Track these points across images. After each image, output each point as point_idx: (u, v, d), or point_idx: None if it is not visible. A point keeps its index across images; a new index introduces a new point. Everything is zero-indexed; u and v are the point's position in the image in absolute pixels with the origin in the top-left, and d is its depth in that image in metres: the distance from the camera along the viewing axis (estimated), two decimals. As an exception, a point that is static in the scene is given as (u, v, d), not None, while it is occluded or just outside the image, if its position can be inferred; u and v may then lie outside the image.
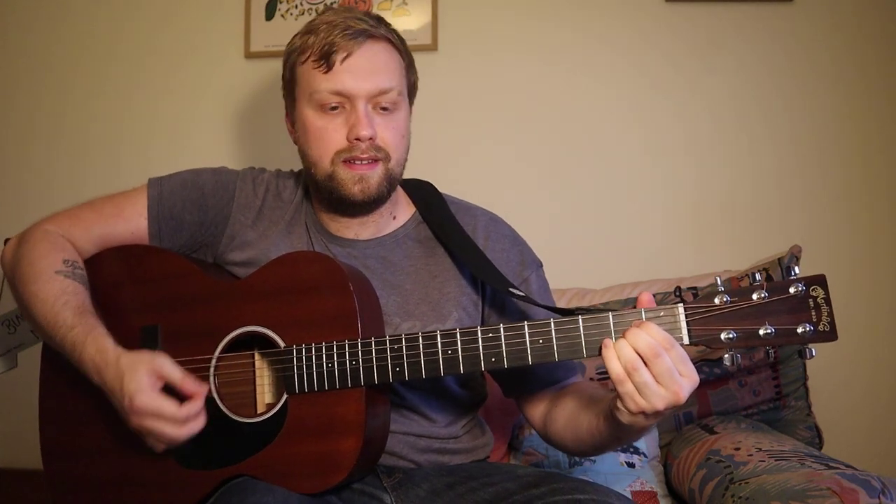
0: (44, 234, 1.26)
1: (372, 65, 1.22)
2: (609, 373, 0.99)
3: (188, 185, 1.32)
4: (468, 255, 1.26)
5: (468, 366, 1.07)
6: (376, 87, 1.21)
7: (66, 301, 1.17)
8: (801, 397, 1.74)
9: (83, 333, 1.14)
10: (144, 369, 1.09)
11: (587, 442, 1.17)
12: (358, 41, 1.21)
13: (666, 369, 0.96)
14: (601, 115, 2.03)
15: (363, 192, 1.22)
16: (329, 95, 1.21)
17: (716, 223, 1.99)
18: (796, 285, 0.97)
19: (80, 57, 2.14)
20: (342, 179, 1.22)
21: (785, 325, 0.97)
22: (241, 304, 1.17)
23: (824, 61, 1.98)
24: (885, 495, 1.14)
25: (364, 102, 1.21)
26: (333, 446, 1.09)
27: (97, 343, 1.12)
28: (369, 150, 1.21)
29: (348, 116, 1.22)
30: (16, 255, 1.26)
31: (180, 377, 1.10)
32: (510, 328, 1.05)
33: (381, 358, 1.09)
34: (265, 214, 1.33)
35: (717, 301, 0.99)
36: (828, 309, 0.97)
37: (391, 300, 1.25)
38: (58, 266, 1.20)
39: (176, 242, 1.32)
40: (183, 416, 1.08)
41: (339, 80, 1.20)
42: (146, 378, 1.08)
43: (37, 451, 1.26)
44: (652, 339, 0.96)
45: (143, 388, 1.07)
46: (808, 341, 0.97)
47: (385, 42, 1.24)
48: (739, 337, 0.98)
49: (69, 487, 1.23)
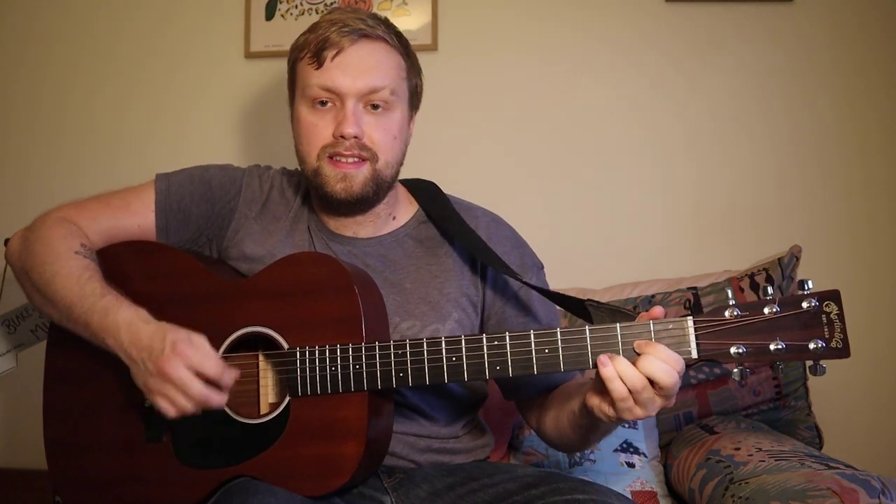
0: (58, 220, 1.26)
1: (363, 63, 1.22)
2: (611, 392, 0.98)
3: (196, 179, 1.33)
4: (474, 245, 1.26)
5: (472, 374, 1.06)
6: (366, 86, 1.21)
7: (91, 276, 1.16)
8: (801, 397, 1.74)
9: (115, 300, 1.12)
10: (189, 334, 1.07)
11: (570, 437, 1.19)
12: (351, 38, 1.21)
13: (673, 385, 0.97)
14: (601, 114, 2.03)
15: (346, 191, 1.23)
16: (319, 91, 1.22)
17: (716, 223, 1.99)
18: (809, 300, 0.95)
19: (80, 57, 2.13)
20: (326, 176, 1.23)
21: (796, 340, 0.95)
22: (245, 304, 1.17)
23: (824, 61, 1.98)
24: (885, 495, 1.14)
25: (353, 100, 1.21)
26: (335, 450, 1.09)
27: (133, 307, 1.12)
28: (354, 148, 1.21)
29: (337, 113, 1.22)
30: (26, 241, 1.25)
31: (216, 361, 1.08)
32: (516, 336, 1.05)
33: (385, 363, 1.09)
34: (269, 209, 1.33)
35: (727, 315, 0.97)
36: (841, 325, 0.95)
37: (391, 299, 1.25)
38: (76, 248, 1.21)
39: (183, 236, 1.32)
40: (226, 375, 1.07)
41: (329, 77, 1.21)
42: (196, 336, 1.07)
43: (37, 451, 1.26)
44: (666, 365, 0.96)
45: (190, 339, 1.05)
46: (820, 358, 0.96)
47: (381, 42, 1.24)
48: (749, 352, 0.97)
49: (72, 484, 1.23)
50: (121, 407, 1.20)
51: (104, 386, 1.21)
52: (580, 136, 2.03)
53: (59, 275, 1.17)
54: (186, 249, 1.31)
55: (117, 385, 1.20)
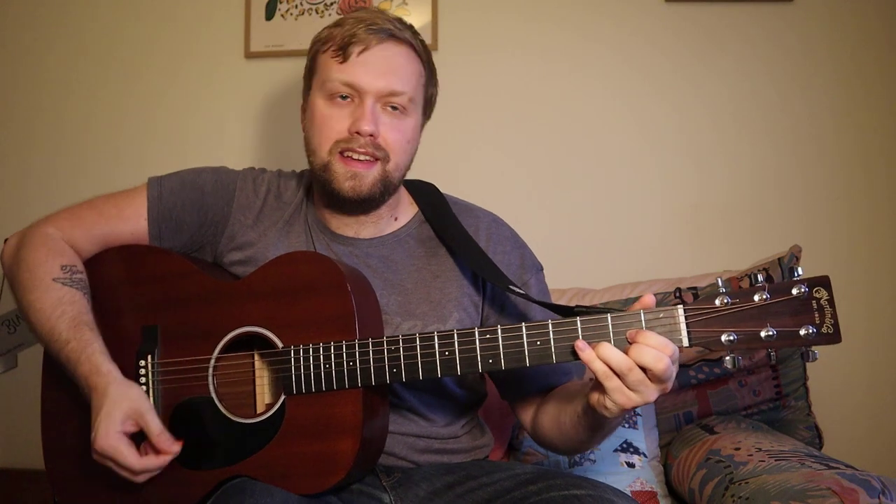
0: (43, 238, 1.25)
1: (387, 64, 1.22)
2: (595, 374, 0.99)
3: (188, 185, 1.31)
4: (469, 253, 1.26)
5: (465, 367, 1.06)
6: (387, 87, 1.21)
7: (63, 312, 1.17)
8: (801, 397, 1.74)
9: (77, 350, 1.14)
10: (122, 412, 1.10)
11: (573, 438, 1.18)
12: (378, 37, 1.21)
13: (664, 370, 0.96)
14: (601, 114, 2.03)
15: (354, 190, 1.22)
16: (340, 85, 1.21)
17: (715, 223, 1.99)
18: (799, 286, 0.96)
19: (80, 57, 2.14)
20: (335, 172, 1.22)
21: (787, 327, 0.95)
22: (240, 304, 1.17)
23: (824, 61, 1.98)
24: (885, 495, 1.14)
25: (372, 99, 1.21)
26: (331, 447, 1.09)
27: (91, 362, 1.13)
28: (368, 146, 1.21)
29: (354, 109, 1.22)
30: (15, 257, 1.26)
31: (157, 432, 1.11)
32: (508, 329, 1.05)
33: (379, 359, 1.09)
34: (266, 215, 1.33)
35: (717, 302, 0.98)
36: (831, 311, 0.95)
37: (392, 299, 1.25)
38: (55, 273, 1.21)
39: (176, 243, 1.31)
40: (140, 468, 1.10)
41: (352, 72, 1.20)
42: (119, 423, 1.10)
43: (37, 451, 1.26)
44: (655, 350, 0.96)
45: (110, 433, 1.09)
46: (811, 343, 0.96)
47: (407, 46, 1.24)
48: (740, 339, 0.97)
49: (70, 486, 1.23)
50: None
51: None
52: (580, 136, 2.03)
53: (32, 307, 1.19)
54: (180, 252, 1.31)
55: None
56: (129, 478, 1.12)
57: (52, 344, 1.17)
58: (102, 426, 1.09)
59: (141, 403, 1.11)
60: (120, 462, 1.09)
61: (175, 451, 1.11)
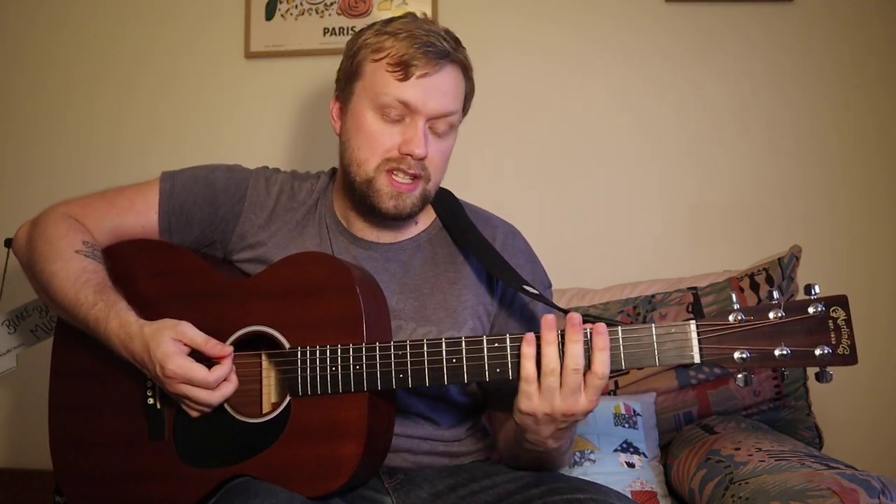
0: (62, 215, 1.26)
1: (445, 87, 1.21)
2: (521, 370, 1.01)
3: (200, 180, 1.31)
4: (486, 254, 1.27)
5: (472, 375, 1.06)
6: (442, 109, 1.21)
7: (87, 279, 1.17)
8: (801, 397, 1.74)
9: (105, 309, 1.14)
10: (168, 335, 1.09)
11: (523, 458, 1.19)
12: (440, 63, 1.20)
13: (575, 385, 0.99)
14: (601, 114, 2.03)
15: (396, 209, 1.22)
16: (396, 103, 1.19)
17: (715, 223, 1.99)
18: (816, 305, 0.93)
19: (81, 57, 2.13)
20: (379, 190, 1.22)
21: (802, 346, 0.93)
22: (248, 303, 1.17)
23: (824, 61, 1.98)
24: (885, 495, 1.14)
25: (424, 121, 1.20)
26: (335, 451, 1.09)
27: (120, 317, 1.13)
28: (416, 167, 1.21)
29: (405, 129, 1.21)
30: (31, 235, 1.26)
31: (203, 340, 1.10)
32: (515, 338, 1.04)
33: (385, 364, 1.08)
34: (278, 215, 1.32)
35: (731, 319, 0.96)
36: (848, 331, 0.92)
37: (409, 304, 1.25)
38: (77, 246, 1.21)
39: (186, 238, 1.31)
40: (213, 379, 1.08)
41: (411, 94, 1.19)
42: (171, 344, 1.08)
43: (36, 451, 1.26)
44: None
45: (171, 354, 1.07)
46: (826, 364, 0.93)
47: (460, 66, 1.24)
48: (753, 357, 0.94)
49: (76, 478, 1.24)
50: (124, 404, 1.20)
51: (108, 383, 1.22)
52: (580, 136, 2.03)
53: (56, 276, 1.18)
54: (191, 248, 1.31)
55: (121, 382, 1.20)
56: (206, 401, 1.09)
57: (79, 308, 1.15)
58: (159, 355, 1.07)
59: (178, 325, 1.10)
60: (194, 379, 1.08)
61: (229, 351, 1.11)
